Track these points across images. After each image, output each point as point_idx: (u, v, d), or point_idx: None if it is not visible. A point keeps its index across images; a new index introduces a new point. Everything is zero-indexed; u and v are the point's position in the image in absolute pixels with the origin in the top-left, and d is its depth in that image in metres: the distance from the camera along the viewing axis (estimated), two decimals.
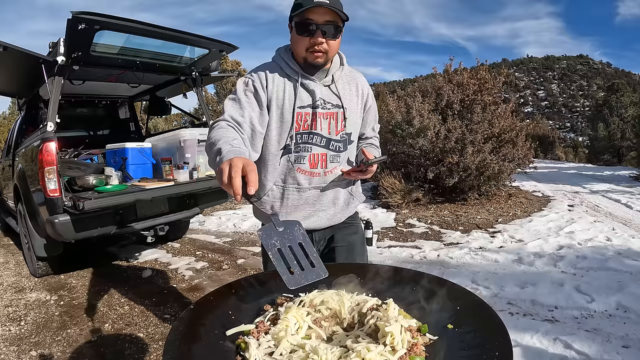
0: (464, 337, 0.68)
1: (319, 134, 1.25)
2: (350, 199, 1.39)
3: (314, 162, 1.27)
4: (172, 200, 3.63)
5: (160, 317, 2.73)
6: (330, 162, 1.29)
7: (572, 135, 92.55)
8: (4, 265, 4.14)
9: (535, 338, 2.11)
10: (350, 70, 1.35)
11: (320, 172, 1.28)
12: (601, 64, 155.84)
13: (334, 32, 1.17)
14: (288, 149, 1.25)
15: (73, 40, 2.86)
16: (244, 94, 1.22)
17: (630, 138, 14.27)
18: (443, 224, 4.80)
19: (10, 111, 21.67)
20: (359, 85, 1.35)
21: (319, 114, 1.24)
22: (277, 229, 0.82)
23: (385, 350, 0.63)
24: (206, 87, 7.98)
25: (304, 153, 1.26)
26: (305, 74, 1.24)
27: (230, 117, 1.17)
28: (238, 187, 0.81)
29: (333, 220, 1.36)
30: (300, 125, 1.24)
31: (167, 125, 12.89)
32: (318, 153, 1.27)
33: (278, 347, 0.66)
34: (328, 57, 1.21)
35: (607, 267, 3.10)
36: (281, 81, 1.24)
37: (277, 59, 1.28)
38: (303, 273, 0.75)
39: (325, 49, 1.18)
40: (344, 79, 1.31)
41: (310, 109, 1.24)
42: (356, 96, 1.33)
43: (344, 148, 1.31)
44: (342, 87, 1.29)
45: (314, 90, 1.24)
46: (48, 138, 2.94)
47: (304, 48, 1.18)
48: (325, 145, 1.27)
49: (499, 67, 7.51)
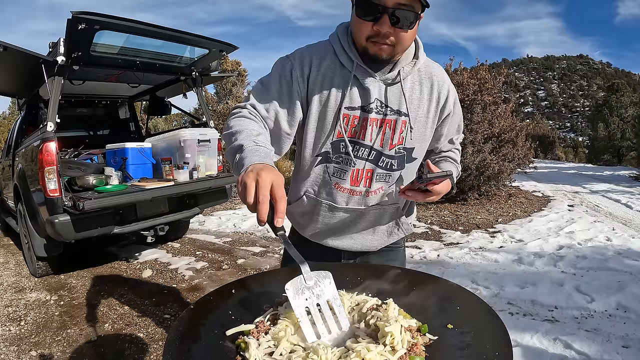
0: (464, 337, 0.68)
1: (367, 146, 0.98)
2: (395, 229, 1.12)
3: (356, 179, 1.01)
4: (172, 200, 3.63)
5: (160, 317, 2.73)
6: (376, 182, 1.02)
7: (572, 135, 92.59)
8: (4, 265, 4.14)
9: (535, 338, 2.11)
10: (427, 64, 1.01)
11: (362, 190, 1.03)
12: (601, 64, 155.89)
13: (408, 21, 0.85)
14: (326, 157, 1.01)
15: (73, 40, 2.86)
16: (277, 82, 0.97)
17: (630, 138, 14.28)
18: (443, 224, 4.80)
19: (10, 111, 21.68)
20: (435, 85, 1.00)
21: (371, 120, 0.96)
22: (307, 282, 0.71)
23: (385, 350, 0.63)
24: (206, 87, 7.98)
25: (346, 167, 1.00)
26: (364, 66, 0.94)
27: (253, 106, 0.95)
28: (264, 214, 0.69)
29: (367, 247, 1.13)
30: (345, 130, 0.97)
31: (167, 125, 12.89)
32: (362, 169, 1.00)
33: (278, 347, 0.66)
34: (396, 50, 0.90)
35: (607, 267, 3.10)
36: (330, 70, 0.96)
37: (332, 40, 0.99)
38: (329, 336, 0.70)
39: (393, 41, 0.88)
40: (416, 76, 0.99)
41: (360, 112, 0.96)
42: (429, 100, 1.00)
43: (399, 166, 1.02)
44: (411, 86, 0.98)
45: (370, 89, 0.95)
46: (48, 138, 2.94)
47: (364, 35, 0.89)
48: (373, 160, 1.00)
49: (499, 67, 7.52)
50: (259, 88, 0.99)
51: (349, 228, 1.09)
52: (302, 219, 1.12)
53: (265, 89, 0.97)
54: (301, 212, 1.10)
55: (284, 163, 7.86)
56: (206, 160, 3.91)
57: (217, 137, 4.05)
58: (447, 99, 1.02)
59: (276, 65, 1.00)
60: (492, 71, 6.42)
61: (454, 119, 1.08)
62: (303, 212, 1.10)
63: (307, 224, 1.11)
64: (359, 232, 1.10)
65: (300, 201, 1.09)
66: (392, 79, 0.96)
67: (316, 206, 1.07)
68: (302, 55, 0.98)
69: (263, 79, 1.01)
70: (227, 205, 6.68)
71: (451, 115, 1.05)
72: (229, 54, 3.79)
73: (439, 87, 1.00)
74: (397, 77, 0.95)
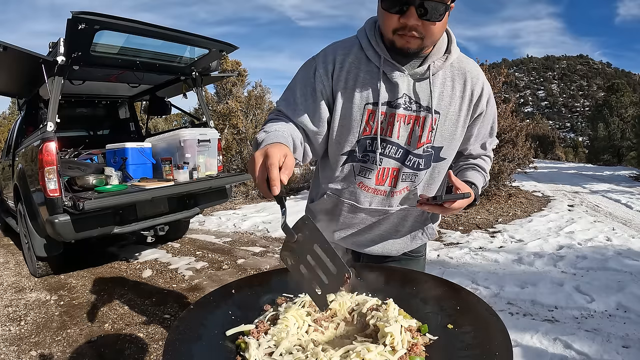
0: (464, 337, 0.68)
1: (395, 143, 0.95)
2: (419, 233, 1.08)
3: (381, 178, 0.98)
4: (172, 200, 3.63)
5: (160, 317, 2.73)
6: (402, 181, 0.98)
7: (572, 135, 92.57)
8: (4, 265, 4.14)
9: (535, 338, 2.11)
10: (460, 58, 0.96)
11: (386, 190, 0.99)
12: (601, 64, 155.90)
13: (437, 12, 0.81)
14: (352, 156, 0.98)
15: (73, 40, 2.86)
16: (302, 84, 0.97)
17: (630, 138, 14.27)
18: (443, 224, 4.80)
19: (10, 111, 21.69)
20: (468, 81, 0.95)
21: (399, 116, 0.92)
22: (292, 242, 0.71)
23: (385, 350, 0.63)
24: (206, 87, 7.98)
25: (373, 166, 0.96)
26: (391, 61, 0.91)
27: (280, 111, 0.99)
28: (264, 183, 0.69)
29: (389, 251, 1.10)
30: (372, 128, 0.93)
31: (167, 125, 12.89)
32: (388, 167, 0.97)
33: (278, 347, 0.66)
34: (425, 43, 0.86)
35: (607, 267, 3.10)
36: (354, 66, 0.93)
37: (360, 35, 0.96)
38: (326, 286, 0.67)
39: (422, 34, 0.84)
40: (448, 71, 0.94)
41: (387, 107, 0.92)
42: (461, 97, 0.95)
43: (426, 166, 0.98)
44: (442, 82, 0.93)
45: (398, 83, 0.91)
46: (48, 138, 2.94)
47: (390, 28, 0.85)
48: (400, 159, 0.96)
49: (499, 67, 7.52)
50: (285, 93, 1.00)
51: (371, 230, 1.06)
52: (323, 218, 1.08)
53: (290, 92, 0.98)
54: (321, 209, 1.07)
55: None
56: (206, 160, 3.91)
57: (217, 137, 4.05)
58: (481, 97, 0.97)
59: (301, 67, 0.99)
60: (492, 71, 6.42)
61: (487, 119, 1.02)
62: (324, 210, 1.06)
63: (327, 224, 1.07)
64: (381, 235, 1.07)
65: (321, 200, 1.06)
66: (422, 73, 0.92)
67: (337, 206, 1.04)
68: (326, 53, 0.96)
69: (290, 83, 1.01)
70: (227, 205, 6.68)
71: (484, 114, 1.00)
72: (229, 54, 3.79)
73: (472, 84, 0.95)
74: (427, 72, 0.91)
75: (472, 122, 1.00)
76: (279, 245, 4.35)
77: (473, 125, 1.01)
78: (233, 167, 8.57)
